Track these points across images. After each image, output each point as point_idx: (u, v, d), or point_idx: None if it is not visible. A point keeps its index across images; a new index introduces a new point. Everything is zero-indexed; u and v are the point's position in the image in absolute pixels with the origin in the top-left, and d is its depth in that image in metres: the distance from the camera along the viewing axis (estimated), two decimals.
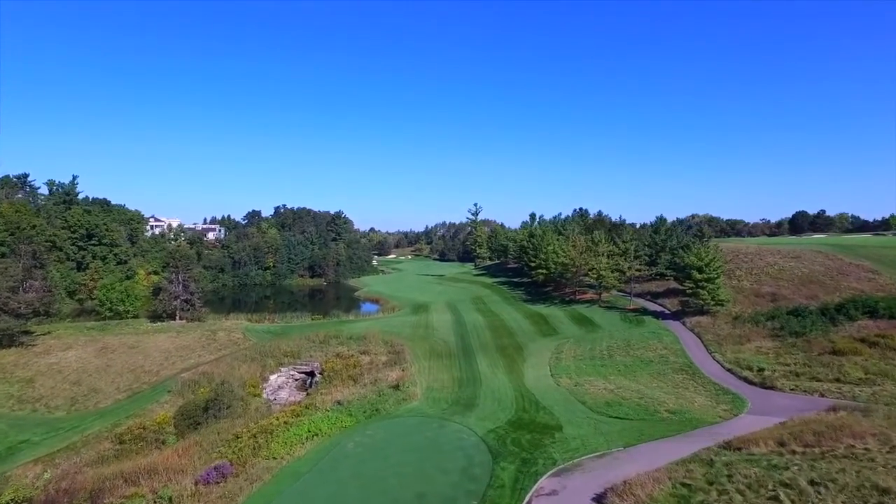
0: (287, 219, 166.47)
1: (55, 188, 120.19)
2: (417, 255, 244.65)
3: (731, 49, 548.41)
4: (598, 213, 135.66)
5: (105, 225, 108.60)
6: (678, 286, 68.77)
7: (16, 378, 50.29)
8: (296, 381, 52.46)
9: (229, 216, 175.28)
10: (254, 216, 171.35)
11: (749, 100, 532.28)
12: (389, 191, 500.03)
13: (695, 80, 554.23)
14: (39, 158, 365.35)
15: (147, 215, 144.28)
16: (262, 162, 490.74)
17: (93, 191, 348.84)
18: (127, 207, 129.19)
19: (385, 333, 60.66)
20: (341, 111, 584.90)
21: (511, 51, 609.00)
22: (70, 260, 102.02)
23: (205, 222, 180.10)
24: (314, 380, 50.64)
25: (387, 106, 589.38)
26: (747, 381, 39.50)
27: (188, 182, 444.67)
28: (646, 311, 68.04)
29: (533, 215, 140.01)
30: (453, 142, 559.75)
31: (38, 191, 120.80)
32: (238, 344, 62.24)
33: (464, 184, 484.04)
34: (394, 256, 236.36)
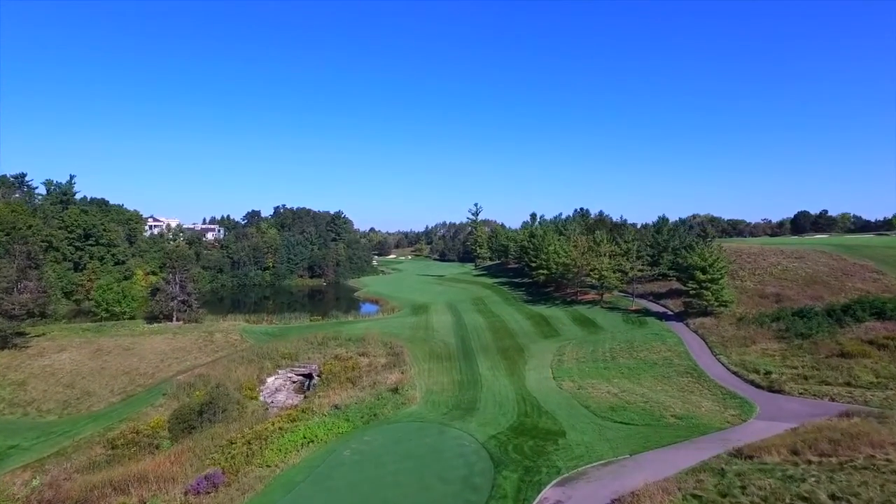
0: (286, 219, 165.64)
1: (53, 188, 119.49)
2: (417, 255, 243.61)
3: (733, 49, 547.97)
4: (599, 213, 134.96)
5: (103, 225, 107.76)
6: (681, 287, 67.79)
7: (7, 381, 49.34)
8: (293, 383, 51.58)
9: (229, 216, 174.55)
10: (253, 216, 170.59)
11: (750, 99, 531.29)
12: (389, 191, 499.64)
13: (695, 79, 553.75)
14: (38, 158, 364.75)
15: (146, 215, 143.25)
16: (261, 162, 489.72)
17: (91, 191, 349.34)
18: (125, 207, 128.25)
19: (384, 335, 59.83)
20: (341, 111, 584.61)
21: (512, 50, 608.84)
22: (67, 260, 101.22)
23: (204, 222, 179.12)
24: (312, 382, 49.74)
25: (387, 106, 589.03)
26: (754, 384, 38.47)
27: (187, 182, 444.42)
28: (648, 312, 67.16)
29: (534, 215, 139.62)
30: (453, 141, 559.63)
31: (36, 191, 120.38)
32: (235, 345, 61.37)
33: (464, 184, 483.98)
34: (394, 257, 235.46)
